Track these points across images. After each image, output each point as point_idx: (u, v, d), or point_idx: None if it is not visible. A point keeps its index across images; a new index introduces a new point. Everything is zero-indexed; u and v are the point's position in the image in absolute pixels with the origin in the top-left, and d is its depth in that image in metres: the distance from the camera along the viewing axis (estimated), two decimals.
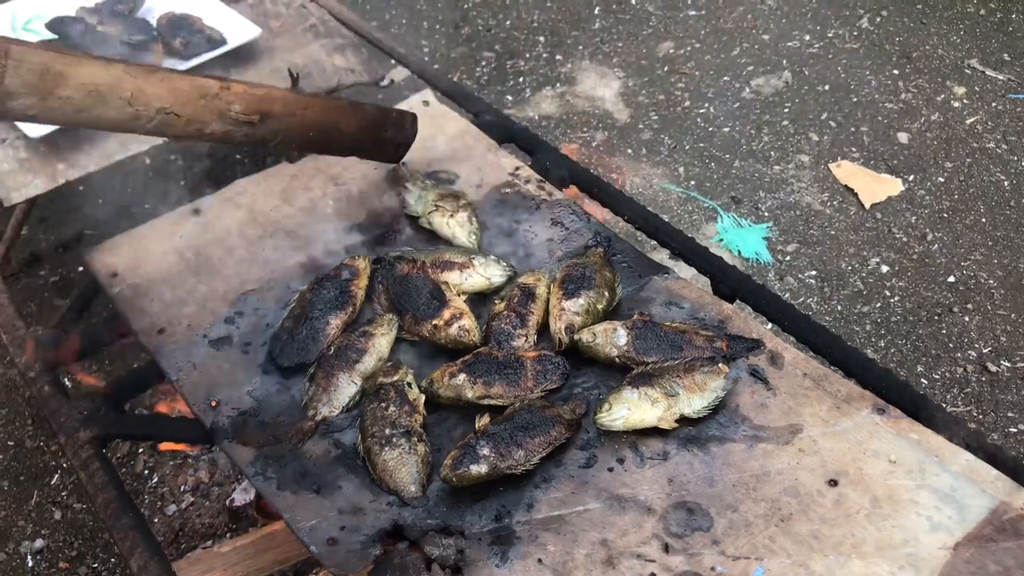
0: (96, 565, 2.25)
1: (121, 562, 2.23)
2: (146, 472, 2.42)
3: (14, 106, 1.32)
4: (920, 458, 1.42)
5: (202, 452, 2.41)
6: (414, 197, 1.92)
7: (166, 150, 3.34)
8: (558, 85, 3.89)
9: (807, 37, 4.07)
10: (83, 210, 3.13)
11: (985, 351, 2.72)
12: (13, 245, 2.85)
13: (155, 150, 2.30)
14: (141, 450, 2.46)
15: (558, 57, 4.05)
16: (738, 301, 1.78)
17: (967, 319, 2.82)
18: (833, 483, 1.40)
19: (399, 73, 3.31)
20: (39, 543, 2.31)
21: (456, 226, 1.85)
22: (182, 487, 2.36)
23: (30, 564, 2.26)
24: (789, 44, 4.04)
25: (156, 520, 2.29)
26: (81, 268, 1.86)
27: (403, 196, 1.95)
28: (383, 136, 1.83)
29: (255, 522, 2.16)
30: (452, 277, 1.75)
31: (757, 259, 3.02)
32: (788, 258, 3.05)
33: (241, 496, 2.20)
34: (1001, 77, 3.80)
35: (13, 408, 2.65)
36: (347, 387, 1.57)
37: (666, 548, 1.34)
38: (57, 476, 2.46)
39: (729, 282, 1.80)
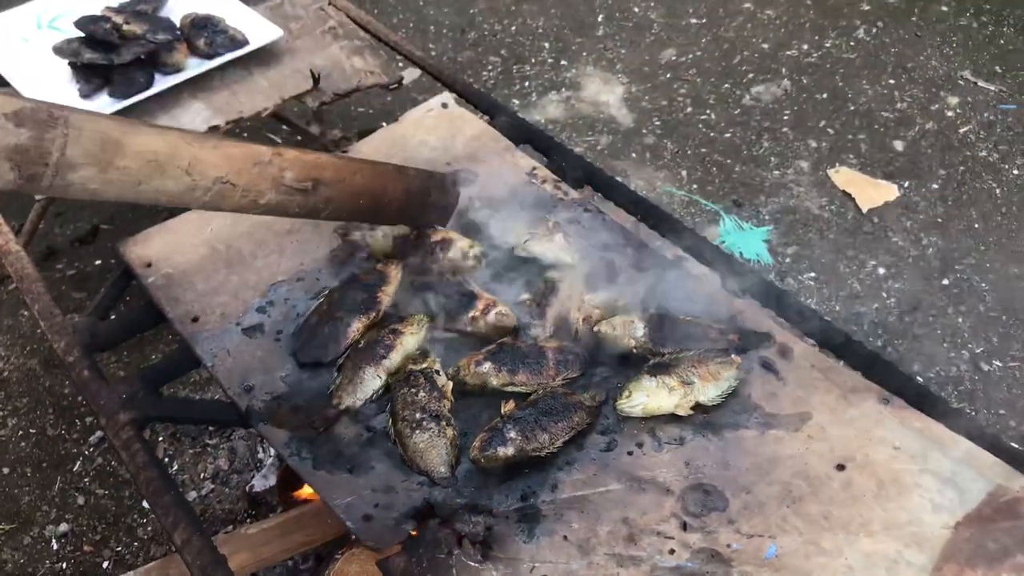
0: (120, 548, 2.29)
1: (144, 546, 2.28)
2: (166, 460, 2.47)
3: (74, 178, 1.28)
4: (923, 445, 1.50)
5: (221, 441, 2.47)
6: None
7: None
8: (563, 90, 3.97)
9: (805, 47, 4.17)
10: (97, 205, 3.18)
11: (978, 351, 2.81)
12: (31, 240, 2.91)
13: None
14: (161, 439, 2.51)
15: (563, 62, 4.13)
16: (748, 297, 1.85)
17: (960, 320, 2.91)
18: (841, 467, 1.48)
19: (411, 74, 3.39)
20: (63, 527, 2.35)
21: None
22: (202, 475, 2.42)
23: (55, 547, 2.31)
24: (788, 53, 4.13)
25: None
26: (114, 260, 1.92)
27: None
28: (429, 201, 1.83)
29: (274, 508, 2.22)
30: None
31: (758, 261, 3.11)
32: (788, 260, 3.13)
33: (260, 482, 2.26)
34: (992, 88, 3.91)
35: (34, 397, 2.70)
36: (372, 381, 1.62)
37: (684, 526, 1.41)
38: (79, 463, 2.50)
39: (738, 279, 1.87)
